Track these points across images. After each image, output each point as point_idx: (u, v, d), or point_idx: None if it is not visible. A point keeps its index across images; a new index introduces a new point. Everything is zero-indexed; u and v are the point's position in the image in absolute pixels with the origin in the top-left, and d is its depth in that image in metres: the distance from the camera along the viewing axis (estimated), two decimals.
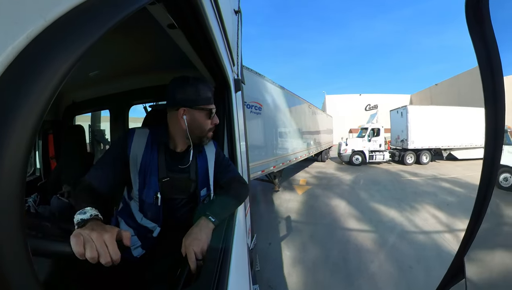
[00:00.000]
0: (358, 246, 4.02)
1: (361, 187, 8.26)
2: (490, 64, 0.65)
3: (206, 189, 1.19)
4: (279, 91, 7.45)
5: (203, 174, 1.17)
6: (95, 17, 0.34)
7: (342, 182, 9.07)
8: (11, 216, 0.27)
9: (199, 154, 1.18)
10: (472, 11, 0.67)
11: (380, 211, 5.72)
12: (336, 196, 7.05)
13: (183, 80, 1.05)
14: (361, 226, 4.87)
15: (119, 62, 1.93)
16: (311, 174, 10.80)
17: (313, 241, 4.27)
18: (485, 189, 0.69)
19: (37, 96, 0.27)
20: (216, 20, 0.99)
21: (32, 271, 0.31)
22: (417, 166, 12.74)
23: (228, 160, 1.32)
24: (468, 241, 0.73)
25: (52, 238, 0.68)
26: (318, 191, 7.80)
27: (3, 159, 0.25)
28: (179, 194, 1.13)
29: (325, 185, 8.58)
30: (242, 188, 1.22)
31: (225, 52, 1.25)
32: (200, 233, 0.89)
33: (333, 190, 7.86)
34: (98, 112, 3.29)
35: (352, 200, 6.60)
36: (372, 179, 9.54)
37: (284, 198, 7.04)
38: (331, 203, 6.46)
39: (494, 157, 0.68)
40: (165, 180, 1.07)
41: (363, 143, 13.34)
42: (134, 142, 1.06)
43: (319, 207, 6.19)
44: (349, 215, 5.51)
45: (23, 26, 0.26)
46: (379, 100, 33.44)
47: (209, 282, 0.71)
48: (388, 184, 8.42)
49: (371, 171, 11.37)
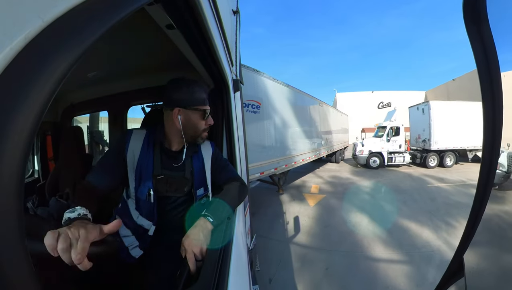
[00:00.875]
0: (389, 287, 3.00)
1: (384, 196, 7.08)
2: (487, 63, 0.65)
3: (203, 189, 1.20)
4: (282, 89, 7.08)
5: (199, 173, 1.18)
6: (93, 18, 0.34)
7: (361, 190, 7.81)
8: (10, 217, 0.27)
9: (195, 154, 1.19)
10: (469, 10, 0.67)
11: (410, 230, 4.61)
12: (356, 209, 5.83)
13: (179, 81, 1.09)
14: (390, 254, 3.75)
15: (118, 63, 1.92)
16: (324, 179, 9.56)
17: (329, 278, 3.20)
18: (484, 187, 0.69)
19: (36, 98, 0.27)
20: (215, 21, 0.99)
21: (31, 272, 0.31)
22: (440, 169, 11.29)
23: (226, 160, 1.33)
24: (467, 239, 0.73)
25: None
26: (333, 201, 6.57)
27: (2, 161, 0.25)
28: (174, 192, 1.15)
29: (341, 193, 7.33)
30: (241, 188, 1.22)
31: (223, 53, 1.25)
32: (199, 234, 0.89)
33: (351, 200, 6.62)
34: (96, 113, 3.28)
35: (375, 215, 5.38)
36: (394, 185, 8.29)
37: (292, 210, 5.89)
38: (350, 218, 5.27)
39: (492, 156, 0.69)
40: (159, 177, 1.10)
41: (381, 144, 11.78)
42: (131, 142, 1.11)
43: (336, 225, 4.93)
44: (374, 236, 4.37)
45: (21, 27, 0.26)
46: (392, 98, 32.47)
47: (209, 282, 0.71)
48: (413, 193, 7.18)
49: (391, 176, 10.09)
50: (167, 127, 1.14)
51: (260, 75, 5.94)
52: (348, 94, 34.19)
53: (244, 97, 5.21)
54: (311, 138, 9.43)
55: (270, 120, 6.32)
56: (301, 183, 8.75)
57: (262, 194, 7.39)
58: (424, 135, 12.12)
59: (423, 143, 12.21)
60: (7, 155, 0.26)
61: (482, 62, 0.67)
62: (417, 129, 12.76)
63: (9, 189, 0.27)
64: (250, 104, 5.49)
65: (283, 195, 7.11)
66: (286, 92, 7.38)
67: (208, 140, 1.25)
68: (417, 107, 12.82)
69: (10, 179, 0.26)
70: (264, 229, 4.81)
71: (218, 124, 1.49)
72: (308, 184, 8.61)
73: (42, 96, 0.28)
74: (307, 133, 8.99)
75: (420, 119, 12.39)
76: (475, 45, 0.68)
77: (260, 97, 5.85)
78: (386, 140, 11.79)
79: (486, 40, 0.66)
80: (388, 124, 12.04)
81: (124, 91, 2.31)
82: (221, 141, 1.53)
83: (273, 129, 6.48)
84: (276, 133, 6.64)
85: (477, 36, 0.68)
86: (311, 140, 9.42)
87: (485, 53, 0.67)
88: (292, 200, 6.78)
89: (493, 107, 0.66)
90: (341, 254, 3.83)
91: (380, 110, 32.51)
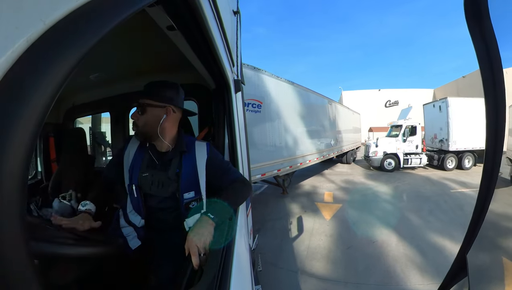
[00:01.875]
0: None
1: (407, 205, 6.20)
2: (489, 61, 0.65)
3: (194, 193, 1.18)
4: (285, 86, 6.78)
5: (188, 175, 1.16)
6: (94, 20, 0.34)
7: (380, 197, 6.92)
8: (13, 218, 0.27)
9: (187, 155, 1.18)
10: (470, 6, 0.67)
11: (446, 250, 3.81)
12: (379, 222, 4.99)
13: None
14: (430, 287, 3.00)
15: (119, 64, 1.93)
16: (337, 184, 8.58)
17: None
18: (487, 186, 0.69)
19: (38, 100, 0.28)
20: (215, 21, 0.99)
21: (34, 272, 0.31)
22: (459, 172, 10.48)
23: (227, 162, 1.31)
24: (471, 239, 0.73)
25: (53, 240, 0.68)
26: (351, 213, 5.62)
27: (5, 163, 0.26)
28: (157, 191, 1.17)
29: (359, 202, 6.41)
30: (244, 187, 1.24)
31: (224, 53, 1.25)
32: (202, 230, 0.92)
33: (372, 210, 5.76)
34: (98, 114, 3.30)
35: (403, 230, 4.61)
36: (415, 191, 7.47)
37: (307, 226, 4.96)
38: (375, 236, 4.40)
39: (495, 154, 0.68)
40: (144, 175, 1.17)
41: (397, 144, 10.83)
42: (129, 145, 1.22)
43: (360, 246, 4.05)
44: (407, 261, 3.60)
45: (23, 30, 0.26)
46: (399, 96, 31.52)
47: (211, 282, 0.71)
48: (438, 200, 6.43)
49: (409, 180, 9.24)
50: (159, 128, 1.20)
51: (261, 73, 5.74)
52: (354, 93, 33.01)
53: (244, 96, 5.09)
54: (318, 139, 8.99)
55: (272, 120, 6.09)
56: (311, 188, 7.82)
57: (269, 202, 6.59)
58: (441, 135, 11.25)
59: (440, 144, 11.36)
60: (10, 157, 0.26)
61: (484, 59, 0.67)
62: (433, 129, 11.93)
63: (13, 190, 0.27)
64: (251, 104, 5.32)
65: (293, 205, 6.19)
66: (290, 90, 7.08)
67: (203, 142, 1.25)
68: (433, 104, 11.96)
69: (13, 180, 0.27)
70: (272, 252, 3.87)
71: (219, 124, 1.49)
72: (320, 190, 7.68)
73: (45, 98, 0.28)
74: (314, 133, 8.56)
75: (436, 117, 11.52)
76: (476, 42, 0.68)
77: (261, 96, 5.66)
78: (402, 141, 10.88)
79: (488, 37, 0.66)
80: (404, 123, 11.11)
81: (126, 92, 2.32)
82: (222, 141, 1.53)
83: (276, 129, 6.25)
84: (279, 134, 6.39)
85: (478, 33, 0.67)
86: (319, 140, 8.97)
87: (487, 50, 0.66)
88: (304, 212, 5.78)
89: (495, 105, 0.65)
90: (372, 288, 3.03)
91: (388, 108, 31.68)
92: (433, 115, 11.82)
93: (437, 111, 11.51)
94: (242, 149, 1.68)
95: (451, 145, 10.72)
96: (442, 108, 11.22)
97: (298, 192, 7.54)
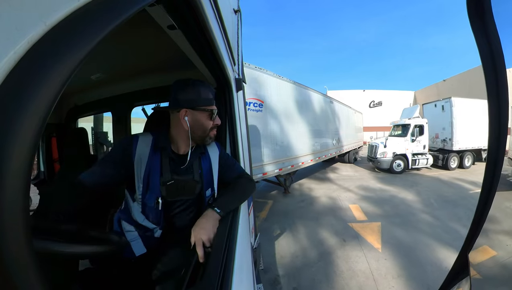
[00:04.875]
0: None
1: (443, 213, 5.52)
2: (492, 59, 0.64)
3: (210, 190, 1.20)
4: (287, 86, 6.77)
5: (207, 174, 1.19)
6: (95, 20, 0.34)
7: (412, 206, 6.07)
8: (16, 218, 0.28)
9: (203, 155, 1.19)
10: (473, 4, 0.66)
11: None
12: (436, 241, 4.07)
13: (185, 82, 1.08)
14: None
15: (120, 64, 1.94)
16: (355, 192, 7.48)
17: None
18: (489, 185, 0.69)
19: (40, 100, 0.28)
20: (216, 20, 0.99)
21: (37, 271, 0.31)
22: (461, 171, 10.49)
23: (232, 159, 1.34)
24: (473, 238, 0.73)
25: (56, 239, 0.68)
26: (398, 232, 4.52)
27: (8, 163, 0.26)
28: (184, 196, 1.14)
29: (396, 216, 5.38)
30: (248, 183, 1.26)
31: (225, 52, 1.25)
32: (207, 223, 0.93)
33: (416, 225, 4.83)
34: (100, 114, 3.31)
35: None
36: (439, 196, 6.91)
37: (360, 267, 3.37)
38: (446, 261, 3.43)
39: (497, 154, 0.68)
40: (170, 183, 1.08)
41: (405, 144, 10.37)
42: (138, 149, 1.07)
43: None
44: None
45: (24, 31, 0.27)
46: (383, 97, 33.17)
47: (213, 281, 0.71)
48: (467, 203, 6.05)
49: (423, 182, 8.84)
50: (174, 130, 1.12)
51: (262, 72, 5.76)
52: (340, 93, 32.42)
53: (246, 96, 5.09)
54: (320, 138, 8.90)
55: (274, 119, 6.08)
56: (330, 201, 6.56)
57: (292, 233, 4.61)
58: (444, 135, 11.28)
59: (442, 143, 11.37)
60: (13, 157, 0.26)
61: (487, 58, 0.66)
62: (434, 128, 11.66)
63: (16, 190, 0.27)
64: (252, 103, 5.34)
65: (323, 230, 4.64)
66: (292, 90, 7.06)
67: (214, 141, 1.26)
68: (435, 104, 11.95)
69: (16, 180, 0.27)
70: None
71: (221, 123, 1.49)
72: (341, 203, 6.46)
73: (47, 99, 0.28)
74: (315, 133, 8.45)
75: (439, 117, 11.45)
76: (479, 41, 0.67)
77: (262, 95, 5.67)
78: (411, 141, 10.43)
79: (491, 35, 0.65)
80: (412, 122, 10.66)
81: (127, 92, 2.33)
82: (224, 140, 1.53)
83: (278, 128, 6.23)
84: (281, 133, 6.36)
85: (481, 31, 0.67)
86: (320, 139, 8.88)
87: (490, 49, 0.65)
88: (343, 241, 4.15)
89: (498, 104, 0.65)
90: None
91: (372, 109, 32.72)
92: (435, 115, 11.73)
93: (439, 111, 11.51)
94: (244, 147, 1.68)
95: (455, 144, 10.76)
96: (445, 108, 11.19)
97: (318, 208, 6.05)
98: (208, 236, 0.89)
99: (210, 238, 0.90)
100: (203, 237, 0.88)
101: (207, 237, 0.89)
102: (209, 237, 0.89)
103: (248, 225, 1.53)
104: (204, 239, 0.88)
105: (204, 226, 0.92)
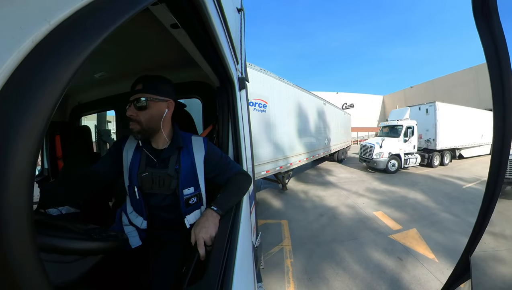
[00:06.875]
0: None
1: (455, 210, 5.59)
2: (498, 60, 0.63)
3: (193, 188, 1.18)
4: (288, 88, 7.13)
5: (187, 171, 1.17)
6: (98, 19, 0.34)
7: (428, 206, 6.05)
8: (20, 215, 0.28)
9: (185, 150, 1.18)
10: (479, 4, 0.65)
11: None
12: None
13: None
14: None
15: (124, 62, 1.94)
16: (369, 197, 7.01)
17: None
18: (493, 188, 0.68)
19: (44, 99, 0.28)
20: (219, 19, 0.99)
21: (41, 267, 0.32)
22: (442, 168, 11.64)
23: (227, 157, 1.30)
24: (475, 240, 0.72)
25: (60, 236, 0.69)
26: (437, 237, 4.30)
27: (12, 160, 0.26)
28: (159, 189, 1.16)
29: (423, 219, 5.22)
30: (244, 179, 1.26)
31: (228, 51, 1.25)
32: (208, 222, 0.95)
33: (446, 226, 4.77)
34: (104, 112, 3.33)
35: None
36: (442, 193, 7.07)
37: (431, 285, 3.03)
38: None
39: (501, 156, 0.67)
40: (144, 175, 1.14)
41: (399, 144, 11.00)
42: (126, 145, 1.19)
43: None
44: None
45: (28, 30, 0.27)
46: (354, 99, 35.97)
47: (214, 279, 0.72)
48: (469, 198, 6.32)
49: (420, 180, 9.11)
50: None
51: (267, 74, 6.03)
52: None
53: (252, 96, 5.26)
54: (316, 137, 9.42)
55: (276, 119, 6.37)
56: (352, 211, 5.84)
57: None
58: (427, 135, 12.47)
59: (426, 143, 12.54)
60: (17, 154, 0.26)
61: (492, 57, 0.65)
62: (418, 130, 12.45)
63: (20, 187, 0.27)
64: (257, 103, 5.57)
65: (372, 251, 3.85)
66: (292, 91, 7.43)
67: (200, 137, 1.25)
68: (419, 107, 13.04)
69: (20, 178, 0.27)
70: None
71: (224, 122, 1.49)
72: (364, 211, 5.85)
73: (50, 97, 0.29)
74: (312, 132, 8.99)
75: (422, 119, 12.57)
76: (484, 40, 0.66)
77: (266, 96, 5.92)
78: (403, 141, 11.13)
79: (496, 34, 0.64)
80: (404, 124, 11.40)
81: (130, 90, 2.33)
82: (226, 139, 1.53)
83: (280, 127, 6.52)
84: (282, 132, 6.66)
85: (486, 30, 0.66)
86: (316, 139, 9.41)
87: (496, 48, 0.65)
88: (399, 260, 3.59)
89: (503, 104, 0.64)
90: None
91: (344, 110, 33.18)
92: (419, 117, 12.82)
93: (423, 114, 12.74)
94: (246, 146, 1.68)
95: (438, 144, 12.03)
96: (429, 111, 12.42)
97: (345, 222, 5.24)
98: (208, 234, 0.91)
99: (211, 237, 0.91)
100: (204, 236, 0.89)
101: (208, 236, 0.90)
102: (210, 235, 0.91)
103: (250, 223, 1.53)
104: (205, 237, 0.89)
105: (204, 224, 0.94)
